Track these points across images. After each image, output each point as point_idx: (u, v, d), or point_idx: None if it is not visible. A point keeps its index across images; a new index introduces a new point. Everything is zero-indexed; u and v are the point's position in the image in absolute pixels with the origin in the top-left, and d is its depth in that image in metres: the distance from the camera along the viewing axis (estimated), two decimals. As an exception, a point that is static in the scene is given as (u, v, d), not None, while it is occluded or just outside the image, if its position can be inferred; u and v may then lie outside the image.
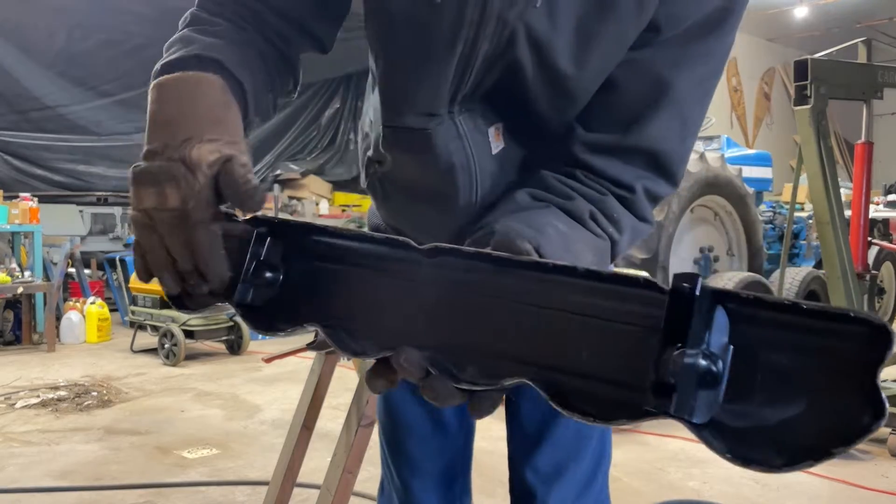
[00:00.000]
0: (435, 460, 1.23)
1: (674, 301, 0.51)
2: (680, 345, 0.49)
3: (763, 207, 6.65)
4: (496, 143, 0.92)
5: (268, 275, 0.71)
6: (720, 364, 0.50)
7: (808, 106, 3.61)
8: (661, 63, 0.85)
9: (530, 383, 0.57)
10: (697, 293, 0.50)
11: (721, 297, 0.51)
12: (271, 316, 0.71)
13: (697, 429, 0.50)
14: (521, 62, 0.84)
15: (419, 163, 0.93)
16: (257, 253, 0.71)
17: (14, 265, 6.30)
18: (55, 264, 6.92)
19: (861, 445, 3.52)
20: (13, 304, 6.40)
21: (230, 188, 0.69)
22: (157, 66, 0.79)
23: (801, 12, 12.40)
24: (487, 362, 0.60)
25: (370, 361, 0.66)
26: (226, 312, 5.79)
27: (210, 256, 0.70)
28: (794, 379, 0.49)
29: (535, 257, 0.70)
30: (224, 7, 0.87)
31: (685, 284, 0.51)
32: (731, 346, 0.51)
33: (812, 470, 3.29)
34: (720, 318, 0.51)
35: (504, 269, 0.63)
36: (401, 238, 0.68)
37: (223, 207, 0.72)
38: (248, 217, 0.74)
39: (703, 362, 0.49)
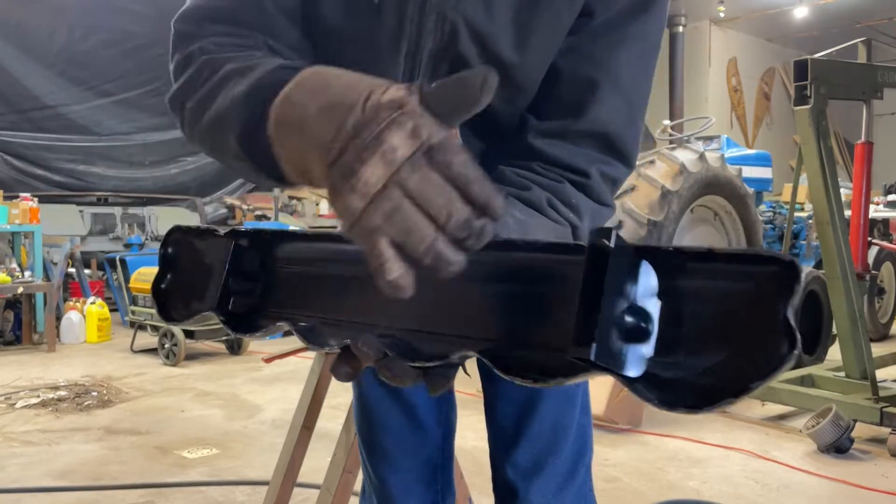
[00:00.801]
0: (412, 458, 1.24)
1: (591, 258, 0.52)
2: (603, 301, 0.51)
3: (763, 207, 6.65)
4: None
5: (247, 283, 0.76)
6: (647, 318, 0.51)
7: (808, 106, 3.61)
8: (599, 46, 0.89)
9: (477, 356, 0.60)
10: (612, 246, 0.51)
11: (643, 252, 0.53)
12: (250, 319, 0.76)
13: (630, 382, 0.51)
14: (465, 56, 0.88)
15: None
16: (237, 263, 0.76)
17: (14, 265, 6.31)
18: (55, 264, 6.92)
19: (861, 445, 3.52)
20: (13, 304, 6.40)
21: (448, 87, 0.55)
22: (239, 96, 0.71)
23: (800, 12, 12.39)
24: (437, 341, 0.64)
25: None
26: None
27: (478, 169, 0.55)
28: (719, 324, 0.50)
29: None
30: (224, 48, 0.81)
31: (602, 240, 0.52)
32: (659, 301, 0.52)
33: (812, 470, 3.29)
34: (645, 272, 0.52)
35: None
36: None
37: (203, 225, 0.73)
38: (228, 230, 0.78)
39: (628, 318, 0.51)
